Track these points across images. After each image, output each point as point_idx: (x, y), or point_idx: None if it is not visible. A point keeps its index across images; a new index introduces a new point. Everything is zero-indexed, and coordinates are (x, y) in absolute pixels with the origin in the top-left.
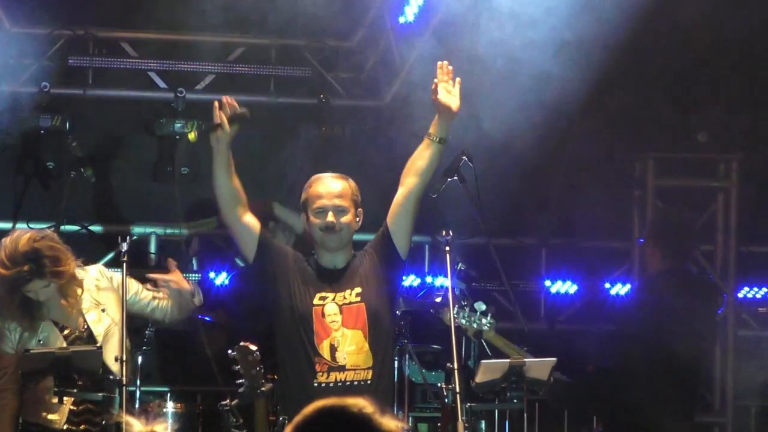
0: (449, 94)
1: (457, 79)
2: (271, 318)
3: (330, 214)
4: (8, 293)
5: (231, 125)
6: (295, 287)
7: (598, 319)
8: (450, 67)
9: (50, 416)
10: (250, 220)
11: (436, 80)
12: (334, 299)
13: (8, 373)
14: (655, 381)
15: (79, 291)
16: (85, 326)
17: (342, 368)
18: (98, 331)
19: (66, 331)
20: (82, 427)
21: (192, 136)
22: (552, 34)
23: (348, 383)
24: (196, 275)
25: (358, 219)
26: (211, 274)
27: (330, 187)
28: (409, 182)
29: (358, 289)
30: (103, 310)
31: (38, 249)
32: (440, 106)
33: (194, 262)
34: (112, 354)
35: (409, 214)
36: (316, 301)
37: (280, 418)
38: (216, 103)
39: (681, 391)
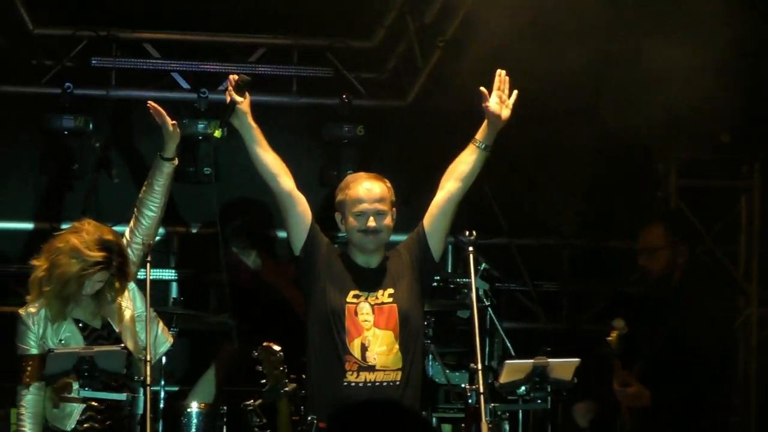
0: (501, 104)
1: (515, 92)
2: (305, 312)
3: (371, 218)
4: (78, 275)
5: (241, 96)
6: (330, 283)
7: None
8: (507, 77)
9: (59, 417)
10: (301, 204)
11: (482, 88)
12: (367, 299)
13: (32, 370)
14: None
15: (119, 299)
16: (106, 325)
17: (372, 368)
18: (120, 322)
19: (86, 331)
20: (86, 425)
21: (218, 133)
22: (575, 32)
23: (377, 384)
24: None
25: (393, 219)
26: None
27: (371, 191)
28: (450, 186)
29: (391, 290)
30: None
31: (119, 244)
32: (490, 114)
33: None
34: (130, 341)
35: (446, 217)
36: (349, 299)
37: (309, 418)
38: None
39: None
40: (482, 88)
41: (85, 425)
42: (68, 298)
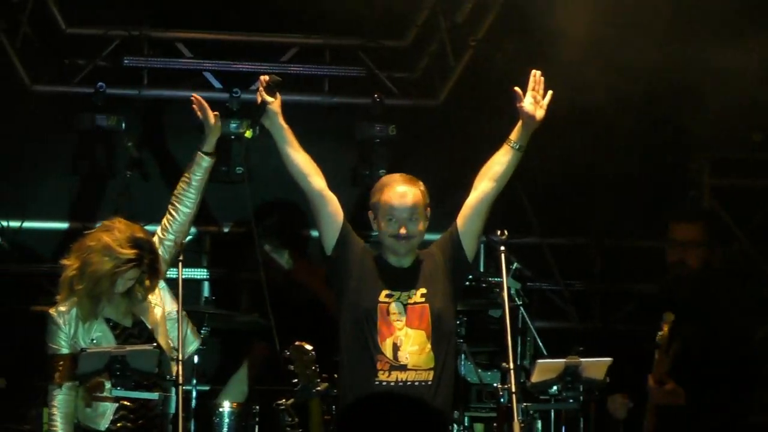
0: (536, 104)
1: (549, 92)
2: (338, 312)
3: (403, 227)
4: (111, 273)
5: (272, 97)
6: (362, 282)
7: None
8: (542, 78)
9: (92, 417)
10: (333, 204)
11: (516, 88)
12: (399, 298)
13: (63, 370)
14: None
15: (150, 296)
16: (137, 323)
17: (404, 368)
18: (151, 320)
19: (117, 330)
20: (119, 425)
21: (249, 133)
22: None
23: (409, 383)
24: None
25: (426, 220)
26: None
27: (404, 198)
28: (483, 186)
29: (423, 290)
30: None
31: (150, 241)
32: (524, 115)
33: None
34: (162, 339)
35: (480, 217)
36: (382, 298)
37: None
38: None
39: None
40: (516, 89)
41: (118, 424)
42: (100, 296)
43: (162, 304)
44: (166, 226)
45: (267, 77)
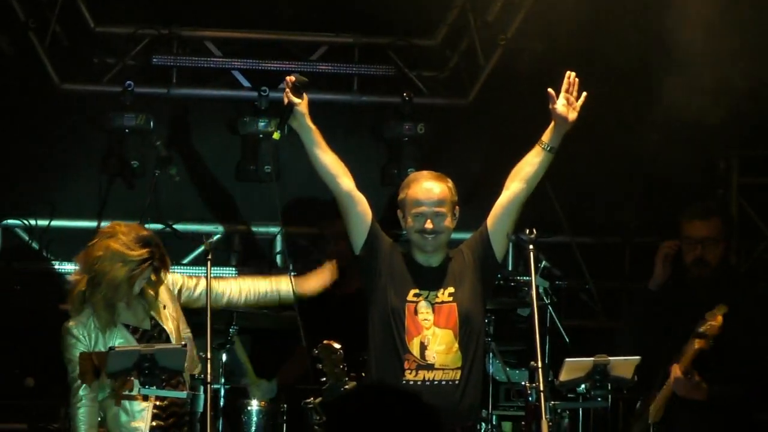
0: (569, 106)
1: (584, 93)
2: (367, 310)
3: (429, 221)
4: (127, 277)
5: (299, 97)
6: (390, 281)
7: None
8: (576, 79)
9: (130, 424)
10: (361, 204)
11: (549, 89)
12: (427, 297)
13: (86, 369)
14: None
15: (162, 291)
16: (155, 325)
17: (431, 367)
18: (170, 327)
19: (137, 334)
20: (153, 424)
21: (276, 135)
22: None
23: (436, 383)
24: None
25: (455, 219)
26: None
27: (430, 192)
28: (514, 187)
29: (451, 289)
30: (164, 307)
31: (154, 236)
32: (557, 116)
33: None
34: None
35: (510, 218)
36: (410, 297)
37: None
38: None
39: None
40: (550, 90)
41: (152, 423)
42: (116, 303)
43: (178, 319)
44: (203, 287)
45: (293, 78)
